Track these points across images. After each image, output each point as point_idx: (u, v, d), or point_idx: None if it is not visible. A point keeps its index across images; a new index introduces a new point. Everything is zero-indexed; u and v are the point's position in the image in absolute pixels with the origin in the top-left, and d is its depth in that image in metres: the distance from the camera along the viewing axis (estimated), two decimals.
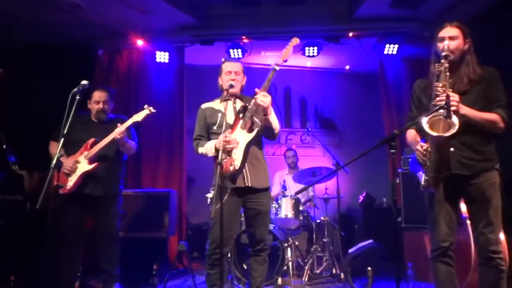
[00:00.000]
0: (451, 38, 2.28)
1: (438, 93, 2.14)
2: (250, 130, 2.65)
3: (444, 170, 2.23)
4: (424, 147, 2.22)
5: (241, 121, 2.66)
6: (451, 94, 2.11)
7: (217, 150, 2.60)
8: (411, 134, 2.44)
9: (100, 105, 3.36)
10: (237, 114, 2.70)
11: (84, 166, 3.20)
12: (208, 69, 5.86)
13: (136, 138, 3.52)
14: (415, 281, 3.83)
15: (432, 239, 2.35)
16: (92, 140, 3.26)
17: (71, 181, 3.17)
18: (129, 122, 3.23)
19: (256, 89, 2.58)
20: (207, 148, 2.75)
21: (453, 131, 2.06)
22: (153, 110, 3.24)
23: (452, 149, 2.22)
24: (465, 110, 2.16)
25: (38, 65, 4.69)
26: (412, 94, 2.52)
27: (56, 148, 3.23)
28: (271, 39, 5.07)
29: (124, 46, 5.10)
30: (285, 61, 2.58)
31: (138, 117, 3.23)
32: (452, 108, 2.09)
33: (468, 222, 2.61)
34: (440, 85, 2.15)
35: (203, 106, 2.93)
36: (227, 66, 2.83)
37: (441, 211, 2.31)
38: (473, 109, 2.19)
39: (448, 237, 2.29)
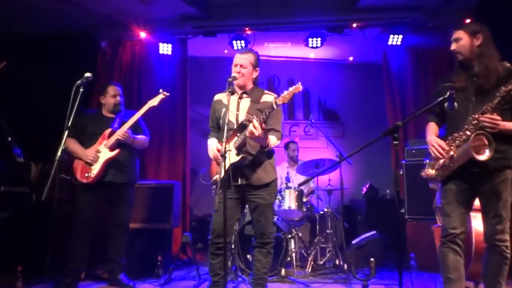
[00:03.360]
0: (455, 40, 2.42)
1: (486, 110, 2.23)
2: (238, 152, 2.63)
3: (461, 168, 2.31)
4: (446, 149, 2.32)
5: (236, 137, 2.64)
6: (495, 117, 2.19)
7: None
8: (432, 127, 2.53)
9: (118, 98, 3.50)
10: (236, 128, 2.66)
11: (105, 154, 3.29)
12: (211, 60, 5.88)
13: (147, 131, 3.58)
14: (417, 271, 3.86)
15: (443, 226, 2.42)
16: (109, 130, 3.36)
17: (95, 170, 3.26)
18: (145, 108, 3.33)
19: (253, 120, 2.50)
20: (209, 148, 2.82)
21: (482, 158, 2.18)
22: (167, 94, 3.33)
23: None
24: (505, 127, 2.22)
25: (40, 56, 4.68)
26: (435, 90, 2.58)
27: (73, 143, 3.31)
28: (274, 30, 5.03)
29: (127, 38, 5.09)
30: (285, 103, 2.49)
31: (154, 102, 3.33)
32: (489, 130, 2.19)
33: (471, 214, 2.64)
34: (492, 105, 2.21)
35: (215, 97, 2.94)
36: (234, 58, 2.80)
37: (455, 201, 2.37)
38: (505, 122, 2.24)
39: (458, 226, 2.34)
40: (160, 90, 3.32)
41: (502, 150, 2.28)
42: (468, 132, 2.27)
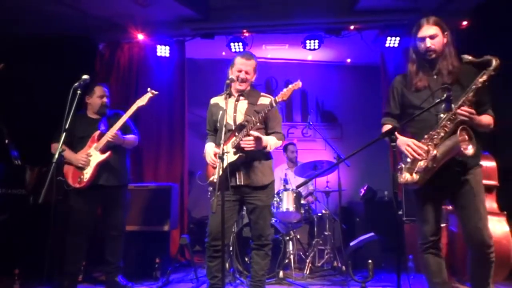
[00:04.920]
0: (431, 37, 2.29)
1: (463, 104, 2.16)
2: (236, 151, 2.63)
3: (442, 169, 2.26)
4: (424, 148, 2.22)
5: (234, 138, 2.65)
6: (471, 110, 2.15)
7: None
8: (387, 128, 2.42)
9: (104, 99, 3.45)
10: (234, 130, 2.67)
11: (97, 157, 3.26)
12: (209, 62, 5.88)
13: (135, 130, 3.56)
14: (415, 273, 3.86)
15: (421, 233, 2.38)
16: (97, 132, 3.32)
17: (87, 174, 3.23)
18: (133, 108, 3.30)
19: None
20: (206, 152, 2.83)
21: (469, 153, 2.12)
22: (155, 92, 3.30)
23: None
24: (477, 119, 2.20)
25: (38, 58, 4.68)
26: (393, 90, 2.49)
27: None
28: (272, 33, 5.05)
29: (124, 40, 5.09)
30: (284, 100, 2.51)
31: (142, 101, 3.30)
32: (465, 119, 2.15)
33: None
34: (468, 97, 2.17)
35: (212, 101, 2.95)
36: (239, 63, 2.77)
37: (431, 207, 2.34)
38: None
39: (437, 231, 2.34)
40: (148, 89, 3.29)
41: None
42: (446, 129, 2.18)
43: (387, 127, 2.45)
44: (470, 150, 2.13)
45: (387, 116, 2.53)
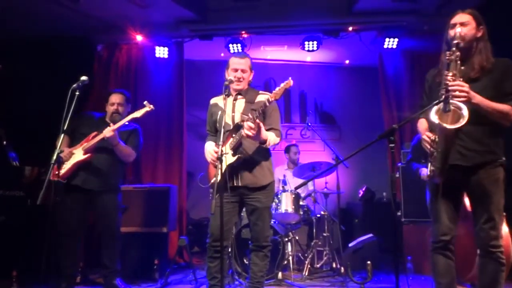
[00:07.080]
0: (462, 24, 2.24)
1: (448, 82, 2.08)
2: (234, 153, 2.63)
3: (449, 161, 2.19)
4: (432, 137, 2.15)
5: (231, 139, 2.65)
6: (461, 83, 2.06)
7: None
8: (422, 123, 2.40)
9: (115, 107, 3.43)
10: (231, 130, 2.67)
11: (78, 156, 3.25)
12: (208, 64, 5.88)
13: (139, 147, 3.51)
14: (414, 274, 3.87)
15: (433, 232, 2.34)
16: (94, 133, 3.30)
17: (63, 169, 3.19)
18: (127, 119, 3.27)
19: (245, 118, 2.52)
20: (206, 151, 2.81)
21: (462, 123, 1.99)
22: (152, 107, 3.27)
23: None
24: (478, 99, 2.09)
25: (36, 59, 4.67)
26: (425, 83, 2.49)
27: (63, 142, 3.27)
28: (270, 34, 5.05)
29: (123, 41, 5.09)
30: (277, 100, 2.52)
31: (138, 113, 3.27)
32: (462, 99, 2.05)
33: None
34: (450, 74, 2.10)
35: (212, 101, 2.94)
36: (234, 63, 2.80)
37: (443, 205, 2.28)
38: (482, 97, 2.12)
39: (449, 231, 2.27)
40: (145, 103, 3.24)
41: (488, 143, 2.18)
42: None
43: (419, 122, 2.40)
44: (465, 116, 1.99)
45: (419, 108, 2.43)
